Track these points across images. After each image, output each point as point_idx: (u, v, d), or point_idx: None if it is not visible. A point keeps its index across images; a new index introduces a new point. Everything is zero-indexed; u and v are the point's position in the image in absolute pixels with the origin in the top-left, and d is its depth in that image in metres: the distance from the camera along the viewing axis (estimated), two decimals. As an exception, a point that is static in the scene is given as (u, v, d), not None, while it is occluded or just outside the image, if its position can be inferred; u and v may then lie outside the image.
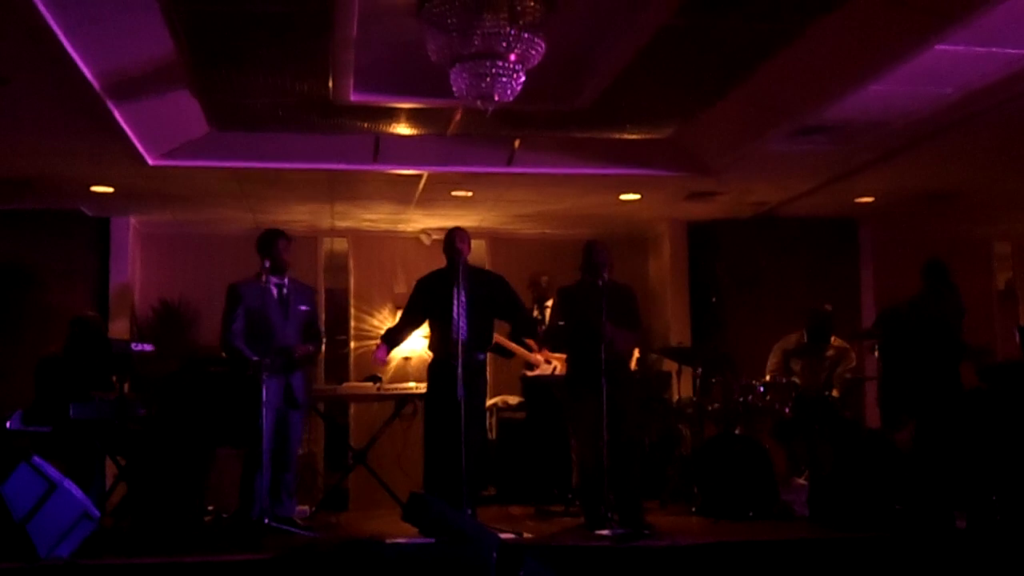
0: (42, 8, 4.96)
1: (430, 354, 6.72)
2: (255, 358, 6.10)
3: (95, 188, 8.48)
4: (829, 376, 7.88)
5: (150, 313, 9.95)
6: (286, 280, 6.48)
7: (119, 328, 9.49)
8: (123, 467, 7.11)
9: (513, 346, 7.70)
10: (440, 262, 6.73)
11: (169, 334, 9.55)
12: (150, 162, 7.53)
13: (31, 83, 6.01)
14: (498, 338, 7.64)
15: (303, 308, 6.52)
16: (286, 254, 6.45)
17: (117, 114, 6.50)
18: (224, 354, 6.54)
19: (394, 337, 6.75)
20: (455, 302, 6.35)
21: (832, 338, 8.02)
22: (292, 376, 6.39)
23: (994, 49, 5.51)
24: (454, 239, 6.56)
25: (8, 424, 6.41)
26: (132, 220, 9.85)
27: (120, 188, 8.48)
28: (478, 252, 10.54)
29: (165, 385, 6.92)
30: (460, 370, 6.14)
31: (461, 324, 6.31)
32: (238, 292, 6.38)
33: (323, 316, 10.66)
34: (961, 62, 5.67)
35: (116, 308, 9.63)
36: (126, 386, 7.34)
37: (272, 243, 6.44)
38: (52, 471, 5.52)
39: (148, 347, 7.14)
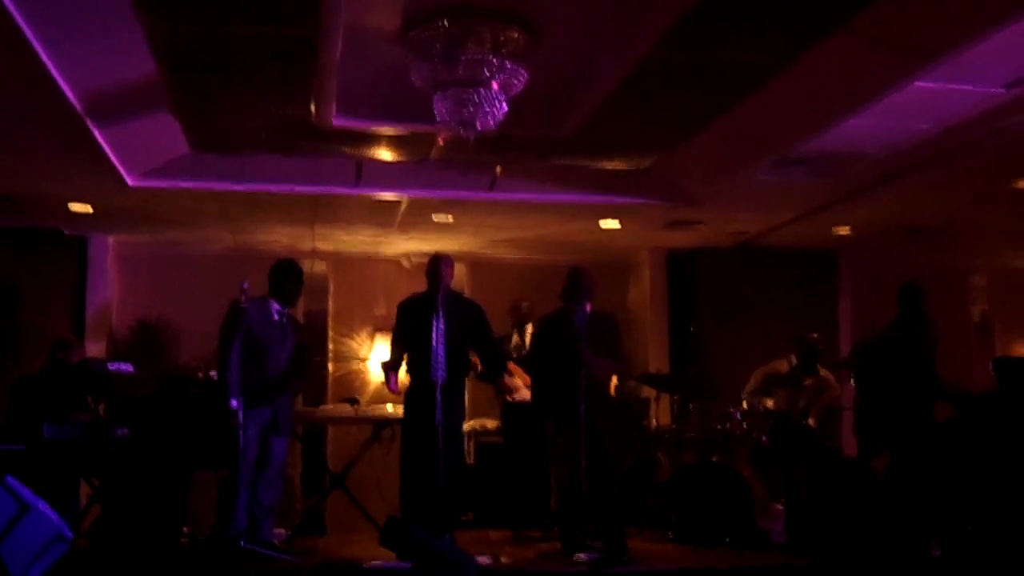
0: (24, 27, 4.96)
1: (408, 378, 6.70)
2: (235, 405, 6.03)
3: (73, 207, 8.44)
4: (808, 405, 7.92)
5: (128, 333, 9.89)
6: (287, 309, 6.54)
7: (96, 348, 9.42)
8: (97, 488, 7.05)
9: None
10: (420, 285, 6.73)
11: (147, 354, 9.49)
12: (130, 183, 7.51)
13: (11, 102, 6.00)
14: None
15: (295, 338, 6.57)
16: (301, 286, 6.58)
17: (97, 134, 6.49)
18: (215, 372, 6.52)
19: (394, 364, 6.75)
20: (434, 328, 6.35)
21: (818, 368, 8.06)
22: (278, 402, 6.37)
23: (971, 86, 5.60)
24: (439, 265, 6.55)
25: (-19, 444, 6.36)
26: (111, 239, 9.82)
27: (99, 208, 8.45)
28: (458, 276, 10.54)
29: (142, 406, 6.88)
30: (439, 395, 6.13)
31: (439, 350, 6.30)
32: (242, 312, 6.15)
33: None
34: (939, 98, 5.75)
35: (93, 328, 9.58)
36: (102, 407, 7.31)
37: (295, 274, 6.52)
38: (25, 492, 5.46)
39: (128, 367, 7.10)
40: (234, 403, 6.05)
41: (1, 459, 6.21)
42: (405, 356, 6.67)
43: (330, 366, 10.82)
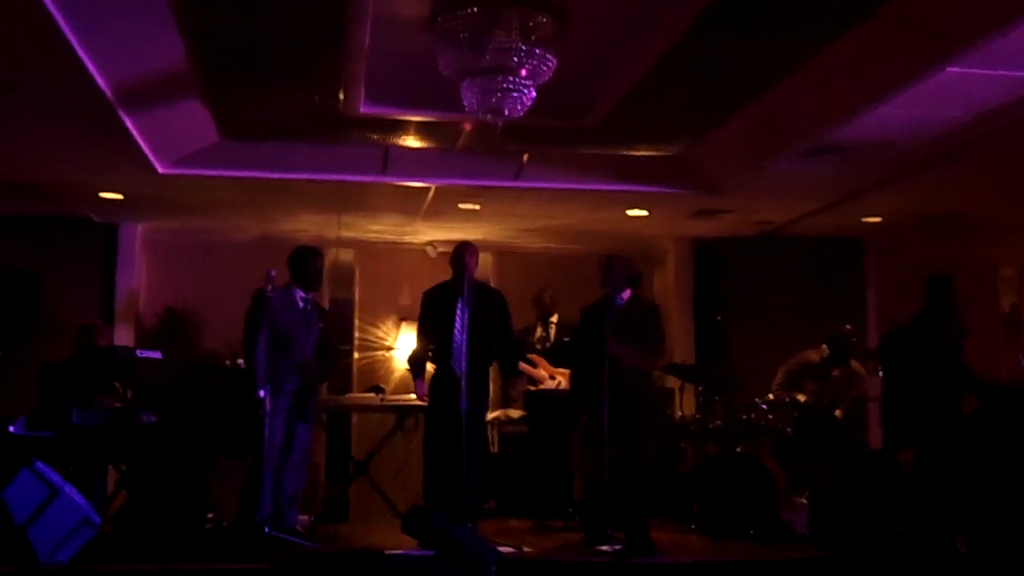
0: (56, 15, 4.98)
1: (432, 367, 6.70)
2: (262, 395, 6.09)
3: (104, 195, 8.51)
4: (835, 397, 7.86)
5: (155, 320, 9.96)
6: (310, 296, 6.55)
7: (124, 335, 9.50)
8: (124, 473, 7.11)
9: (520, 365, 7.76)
10: (445, 274, 6.73)
11: (173, 342, 9.56)
12: (160, 170, 7.55)
13: (43, 89, 6.03)
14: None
15: (320, 326, 6.57)
16: (321, 272, 6.60)
17: (128, 122, 6.53)
18: (243, 361, 6.56)
19: (419, 361, 6.72)
20: (458, 316, 6.35)
21: (849, 360, 8.00)
22: (303, 390, 6.39)
23: (1004, 72, 5.52)
24: (464, 253, 6.53)
25: (11, 428, 6.43)
26: (140, 227, 9.88)
27: (129, 195, 8.51)
28: (484, 266, 10.54)
29: (168, 393, 6.93)
30: (464, 383, 6.13)
31: (462, 339, 6.30)
32: (263, 299, 6.23)
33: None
34: (971, 85, 5.67)
35: (121, 315, 9.65)
36: (129, 393, 7.37)
37: (311, 259, 6.53)
38: (54, 476, 5.53)
39: (156, 354, 7.16)
40: (261, 393, 6.10)
41: (30, 445, 6.28)
42: (428, 350, 6.67)
43: (355, 354, 10.86)
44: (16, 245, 9.19)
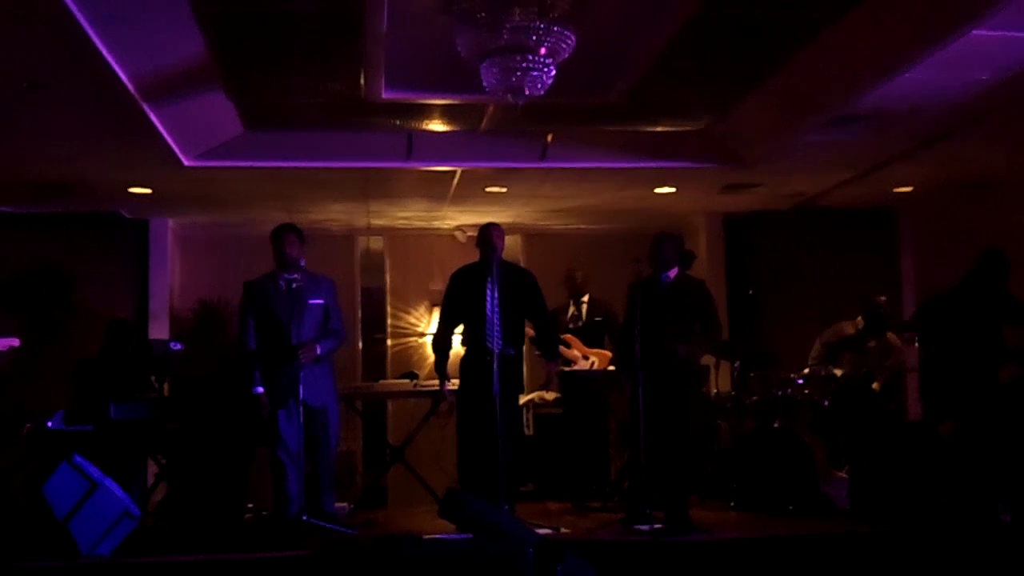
0: (76, 12, 5.01)
1: (463, 348, 6.68)
2: (258, 391, 6.14)
3: (133, 190, 8.57)
4: (872, 369, 7.77)
5: (189, 314, 10.04)
6: (297, 275, 6.26)
7: (158, 329, 9.59)
8: (164, 466, 7.18)
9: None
10: (475, 258, 6.71)
11: (208, 335, 9.63)
12: (185, 163, 7.59)
13: (67, 87, 6.07)
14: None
15: (316, 302, 6.28)
16: (290, 248, 6.26)
17: (152, 116, 6.56)
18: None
19: (444, 343, 6.65)
20: (488, 297, 6.32)
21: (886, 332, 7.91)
22: (303, 376, 6.13)
23: (1030, 32, 5.41)
24: (490, 235, 6.50)
25: (50, 424, 6.51)
26: (170, 222, 9.95)
27: (157, 190, 8.57)
28: (514, 248, 10.53)
29: (204, 385, 6.98)
30: (496, 366, 6.11)
31: (494, 319, 6.27)
32: (248, 289, 6.32)
33: (359, 314, 10.74)
34: (996, 47, 5.56)
35: (156, 310, 9.74)
36: (166, 386, 7.43)
37: (278, 237, 6.32)
38: (93, 470, 5.59)
39: (178, 346, 7.21)
40: (258, 390, 6.14)
41: (68, 439, 6.36)
42: (457, 328, 6.64)
43: (389, 341, 10.90)
44: (49, 243, 9.29)
